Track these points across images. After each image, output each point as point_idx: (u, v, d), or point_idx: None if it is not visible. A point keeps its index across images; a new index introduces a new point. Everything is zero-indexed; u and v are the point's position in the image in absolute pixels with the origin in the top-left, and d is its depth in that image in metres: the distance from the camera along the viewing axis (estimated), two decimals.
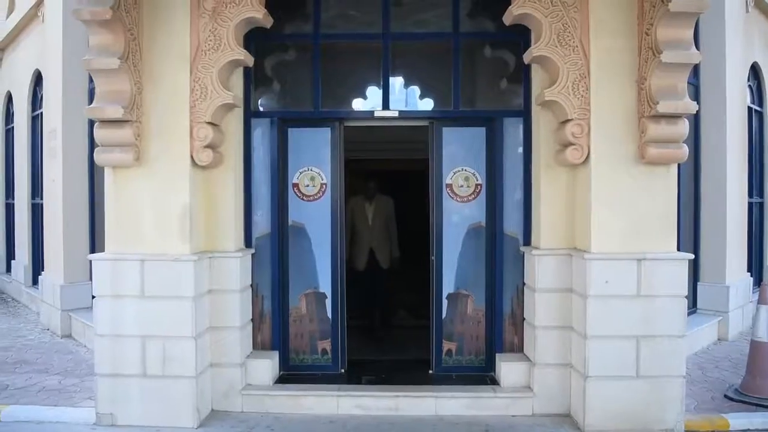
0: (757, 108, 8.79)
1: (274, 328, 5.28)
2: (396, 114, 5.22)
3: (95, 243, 7.33)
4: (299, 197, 5.33)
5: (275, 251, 5.25)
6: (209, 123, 4.62)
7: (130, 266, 4.57)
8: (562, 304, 4.81)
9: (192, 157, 4.61)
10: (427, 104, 5.44)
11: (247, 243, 5.21)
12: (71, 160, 7.35)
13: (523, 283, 5.15)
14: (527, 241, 5.12)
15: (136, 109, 4.49)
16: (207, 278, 4.82)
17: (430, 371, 5.34)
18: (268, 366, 5.07)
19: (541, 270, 4.82)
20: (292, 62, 5.47)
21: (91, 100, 4.98)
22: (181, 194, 4.60)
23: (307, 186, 5.32)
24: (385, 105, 5.21)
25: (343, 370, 5.38)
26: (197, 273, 4.61)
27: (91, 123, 5.28)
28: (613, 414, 4.51)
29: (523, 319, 5.15)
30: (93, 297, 4.71)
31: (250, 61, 4.89)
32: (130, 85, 4.41)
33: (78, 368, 6.00)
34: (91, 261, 4.85)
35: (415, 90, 5.48)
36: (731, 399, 5.12)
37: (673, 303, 4.51)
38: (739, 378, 5.39)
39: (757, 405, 4.95)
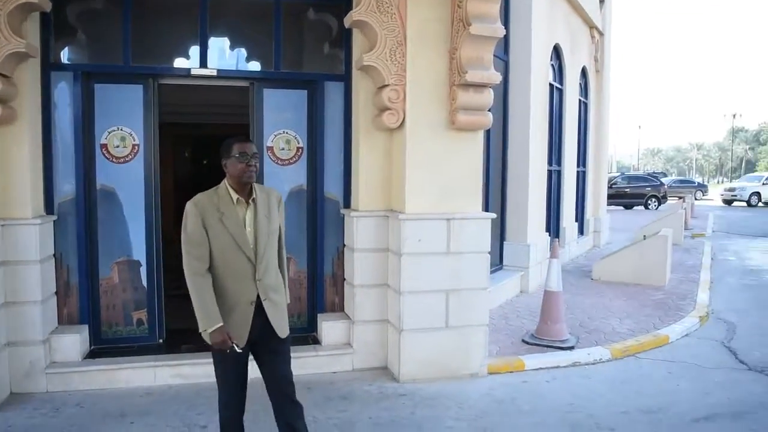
0: (558, 85, 9.79)
1: (81, 301, 4.90)
2: (214, 73, 5.00)
3: None
4: (108, 159, 4.93)
5: (82, 217, 4.84)
6: None
7: None
8: (379, 264, 5.03)
9: None
10: (249, 65, 5.30)
11: (48, 209, 4.74)
12: None
13: (344, 245, 5.29)
14: (347, 204, 5.26)
15: None
16: None
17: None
18: (75, 341, 4.71)
19: (360, 231, 4.99)
20: (99, 11, 4.98)
21: None
22: None
23: (117, 147, 4.93)
24: (203, 63, 4.97)
25: (161, 340, 5.17)
26: None
27: None
28: (426, 363, 4.84)
29: (344, 279, 5.32)
30: None
31: (46, 5, 4.38)
32: None
33: None
34: None
35: (238, 51, 5.32)
36: (528, 343, 5.75)
37: (477, 259, 4.92)
38: (536, 324, 6.06)
39: (548, 347, 5.62)
